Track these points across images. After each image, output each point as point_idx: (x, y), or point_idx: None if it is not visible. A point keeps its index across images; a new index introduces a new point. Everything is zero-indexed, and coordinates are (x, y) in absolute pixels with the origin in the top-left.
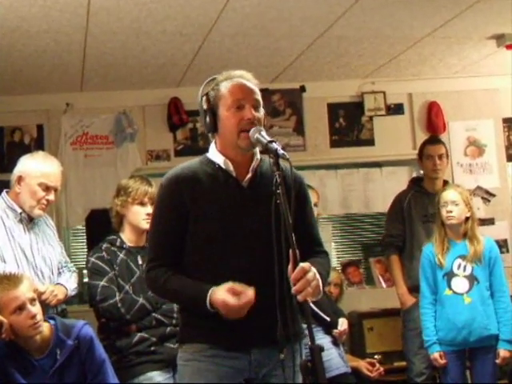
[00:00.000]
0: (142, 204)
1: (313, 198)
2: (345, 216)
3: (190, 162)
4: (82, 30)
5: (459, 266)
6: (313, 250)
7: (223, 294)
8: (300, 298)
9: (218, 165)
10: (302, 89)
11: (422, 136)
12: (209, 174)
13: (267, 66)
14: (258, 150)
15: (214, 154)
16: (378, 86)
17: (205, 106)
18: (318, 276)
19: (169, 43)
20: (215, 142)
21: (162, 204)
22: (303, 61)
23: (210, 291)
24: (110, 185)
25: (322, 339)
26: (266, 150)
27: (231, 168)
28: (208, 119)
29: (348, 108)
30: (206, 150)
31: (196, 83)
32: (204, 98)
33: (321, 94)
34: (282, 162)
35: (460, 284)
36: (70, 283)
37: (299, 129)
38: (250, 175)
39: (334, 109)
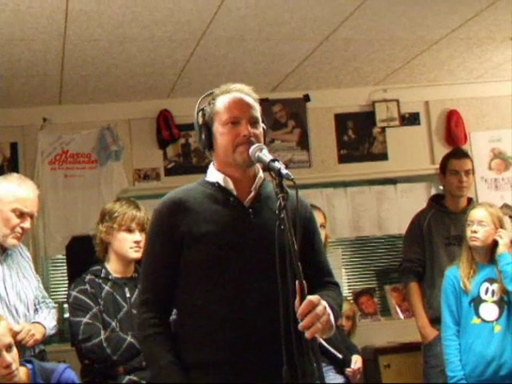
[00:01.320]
0: (130, 230)
1: (319, 219)
2: (356, 239)
3: (187, 186)
4: (59, 37)
5: (487, 291)
6: (322, 281)
7: None
8: (308, 334)
9: (217, 183)
10: (306, 98)
11: (440, 148)
12: (207, 194)
13: (267, 74)
14: (259, 167)
15: (213, 174)
16: (391, 94)
17: (200, 122)
18: (328, 310)
19: (157, 50)
20: (213, 163)
21: (154, 233)
22: (307, 67)
23: None
24: (93, 209)
25: (334, 379)
26: (268, 169)
27: (231, 186)
28: (203, 136)
29: (358, 119)
30: (200, 167)
31: (188, 94)
32: (200, 114)
33: (327, 104)
34: (286, 184)
35: (489, 311)
36: (48, 321)
37: (303, 143)
38: (252, 194)
39: (341, 120)
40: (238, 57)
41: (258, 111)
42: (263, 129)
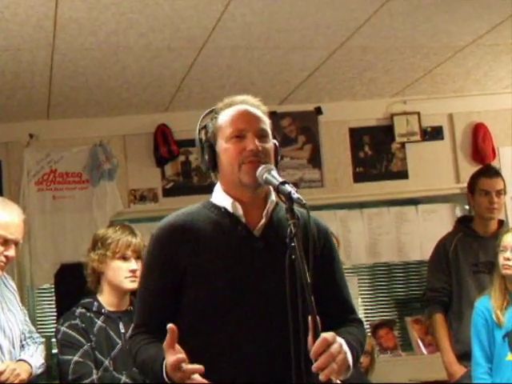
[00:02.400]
0: (125, 258)
1: None
2: (373, 266)
3: (190, 208)
4: (47, 46)
5: None
6: (344, 318)
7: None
8: (322, 377)
9: (224, 208)
10: (318, 111)
11: (466, 166)
12: (212, 221)
13: (275, 85)
14: (271, 188)
15: (219, 197)
16: (411, 106)
17: (203, 140)
18: (345, 348)
19: (154, 60)
20: (219, 184)
21: (152, 260)
22: (318, 77)
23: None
24: (84, 234)
25: None
26: (278, 193)
27: (240, 212)
28: (206, 155)
29: (374, 133)
30: (202, 188)
31: (188, 107)
32: (202, 132)
33: (341, 117)
34: (298, 209)
35: None
36: (35, 359)
37: (315, 160)
38: (263, 221)
39: (357, 135)
40: (243, 67)
41: (267, 124)
42: (274, 144)
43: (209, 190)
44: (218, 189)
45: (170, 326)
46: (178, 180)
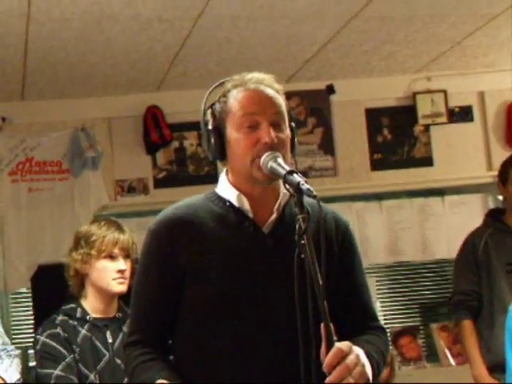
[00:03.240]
0: (112, 258)
1: None
2: (394, 266)
3: (192, 199)
4: (22, 16)
5: None
6: (364, 326)
7: None
8: None
9: (230, 202)
10: (330, 89)
11: (499, 151)
12: (216, 215)
13: (281, 61)
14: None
15: (225, 188)
16: (437, 83)
17: (209, 124)
18: (363, 360)
19: (144, 32)
20: (226, 172)
21: (148, 257)
22: (330, 51)
23: None
24: (65, 231)
25: None
26: (285, 184)
27: (247, 206)
28: (213, 142)
29: (395, 114)
30: (199, 177)
31: (182, 86)
32: (209, 113)
33: (356, 97)
34: (309, 201)
35: None
36: (10, 373)
37: (327, 145)
38: (273, 217)
39: (374, 116)
40: (245, 40)
41: (283, 106)
42: (291, 129)
43: (206, 180)
44: (224, 178)
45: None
46: (172, 169)
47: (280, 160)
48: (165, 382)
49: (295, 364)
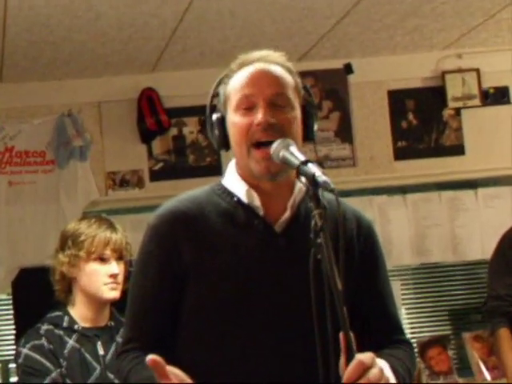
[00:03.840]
0: (103, 260)
1: None
2: (421, 268)
3: (195, 192)
4: None
5: None
6: (387, 338)
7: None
8: None
9: (238, 198)
10: (348, 69)
11: None
12: (223, 211)
13: (292, 37)
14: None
15: (233, 180)
16: (468, 61)
17: (213, 113)
18: (387, 374)
19: (137, 6)
20: (235, 164)
21: (147, 256)
22: (348, 26)
23: None
24: (49, 230)
25: None
26: (298, 175)
27: (257, 203)
28: (216, 130)
29: (421, 97)
30: (200, 169)
31: (180, 66)
32: (215, 100)
33: (377, 77)
34: (328, 196)
35: None
36: None
37: (345, 132)
38: (287, 214)
39: (398, 99)
40: (251, 14)
41: (288, 87)
42: (304, 113)
43: (209, 171)
44: (232, 169)
45: (149, 358)
46: (169, 159)
47: (293, 148)
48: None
49: (311, 377)
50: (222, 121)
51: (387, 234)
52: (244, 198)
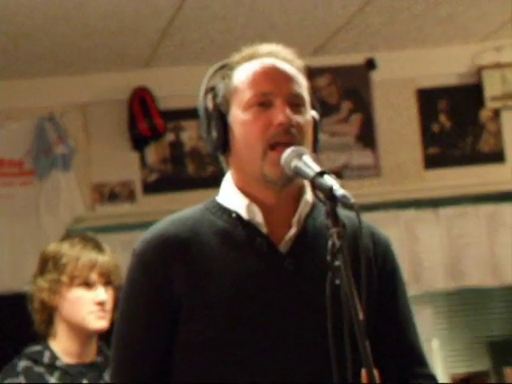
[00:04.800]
0: (88, 285)
1: None
2: (456, 293)
3: (187, 212)
4: None
5: None
6: (409, 372)
7: None
8: None
9: (237, 213)
10: (371, 64)
11: None
12: (220, 231)
13: (306, 28)
14: (307, 185)
15: (230, 195)
16: (509, 55)
17: (209, 108)
18: None
19: None
20: (231, 174)
21: (134, 288)
22: (370, 15)
23: None
24: (27, 250)
25: None
26: (313, 188)
27: (260, 219)
28: (215, 129)
29: (455, 96)
30: (201, 180)
31: (177, 62)
32: (209, 96)
33: (404, 73)
34: (343, 212)
35: None
36: None
37: (367, 136)
38: (293, 232)
39: (429, 99)
40: (259, 2)
41: (303, 87)
42: (313, 118)
43: (210, 183)
44: (229, 182)
45: None
46: (165, 169)
47: (306, 157)
48: None
49: None
50: (222, 120)
51: (416, 255)
52: (244, 214)
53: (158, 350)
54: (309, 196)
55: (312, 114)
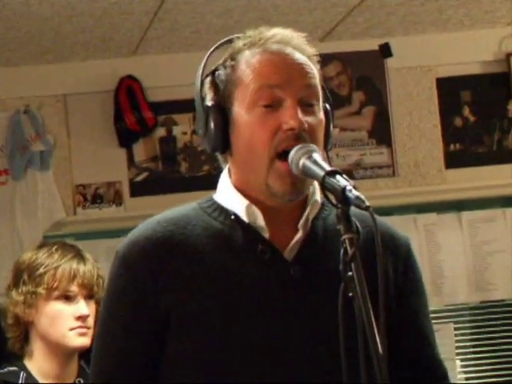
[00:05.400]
0: (68, 298)
1: None
2: (481, 307)
3: (180, 210)
4: None
5: None
6: None
7: None
8: None
9: (236, 215)
10: (385, 51)
11: None
12: (216, 234)
13: (313, 10)
14: (316, 185)
15: (228, 194)
16: None
17: (208, 100)
18: None
19: None
20: (229, 170)
21: (117, 297)
22: None
23: None
24: (0, 259)
25: None
26: (323, 189)
27: (261, 222)
28: (214, 126)
29: (480, 87)
30: (196, 180)
31: (168, 48)
32: (208, 83)
33: (423, 61)
34: (356, 211)
35: None
36: None
37: (381, 132)
38: (299, 236)
39: (451, 89)
40: None
41: (317, 80)
42: (326, 112)
43: (206, 183)
44: (226, 180)
45: None
46: (155, 168)
47: (316, 156)
48: None
49: None
50: (223, 114)
51: (437, 264)
52: (243, 216)
53: (142, 363)
54: (318, 196)
55: (325, 107)
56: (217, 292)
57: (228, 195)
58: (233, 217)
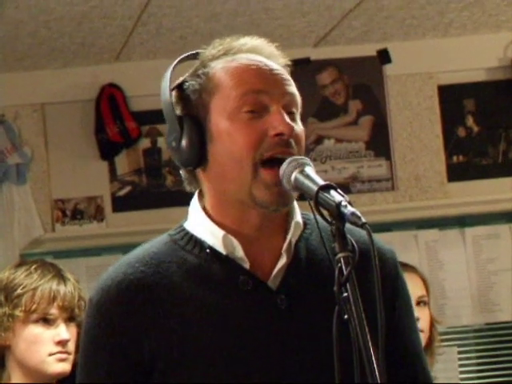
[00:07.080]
0: (47, 322)
1: (414, 289)
2: (486, 329)
3: (150, 246)
4: None
5: None
6: None
7: None
8: None
9: (211, 248)
10: (384, 57)
11: None
12: (192, 269)
13: (306, 15)
14: (295, 204)
15: (200, 223)
16: None
17: (178, 111)
18: None
19: None
20: (199, 195)
21: (94, 347)
22: None
23: None
24: None
25: None
26: (317, 205)
27: (240, 253)
28: (186, 138)
29: (484, 94)
30: (180, 194)
31: (153, 54)
32: (175, 96)
33: (424, 67)
34: (352, 231)
35: None
36: None
37: (380, 143)
38: (283, 262)
39: (453, 97)
40: None
41: (295, 89)
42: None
43: (192, 198)
44: (197, 206)
45: None
46: (139, 182)
47: (309, 169)
48: None
49: None
50: (198, 126)
51: (439, 283)
52: (220, 248)
53: None
54: (298, 216)
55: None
56: (201, 330)
57: (201, 224)
58: (208, 250)
